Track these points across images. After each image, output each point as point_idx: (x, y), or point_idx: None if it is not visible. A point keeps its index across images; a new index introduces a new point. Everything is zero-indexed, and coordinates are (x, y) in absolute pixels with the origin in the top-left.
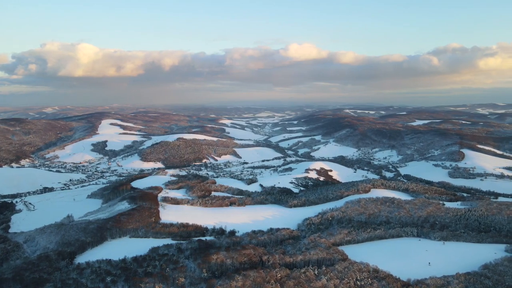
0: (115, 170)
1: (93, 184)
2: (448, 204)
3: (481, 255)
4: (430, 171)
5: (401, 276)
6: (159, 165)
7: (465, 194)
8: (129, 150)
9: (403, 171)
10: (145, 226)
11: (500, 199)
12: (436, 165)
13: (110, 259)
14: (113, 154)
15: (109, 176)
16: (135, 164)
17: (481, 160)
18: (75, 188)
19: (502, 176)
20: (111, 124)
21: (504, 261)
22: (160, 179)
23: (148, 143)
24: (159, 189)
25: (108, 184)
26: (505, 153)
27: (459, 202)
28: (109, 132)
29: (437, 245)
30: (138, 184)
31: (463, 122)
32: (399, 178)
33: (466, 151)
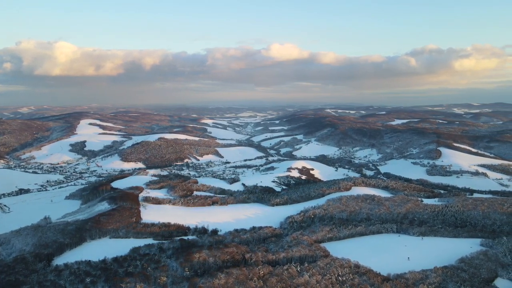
0: (95, 170)
1: (71, 185)
2: (426, 201)
3: (457, 249)
4: (409, 169)
5: (381, 271)
6: (140, 165)
7: (442, 191)
8: (109, 150)
9: (383, 169)
10: (126, 227)
11: (475, 195)
12: (414, 163)
13: (89, 260)
14: (92, 154)
15: (88, 176)
16: (115, 164)
17: (457, 158)
18: (53, 189)
19: (477, 173)
20: (90, 124)
21: (479, 254)
22: (141, 179)
23: (129, 143)
24: (140, 189)
25: (87, 185)
26: (479, 151)
27: (436, 199)
28: (88, 132)
29: (416, 241)
30: (119, 184)
31: (440, 121)
32: (379, 176)
33: (443, 149)
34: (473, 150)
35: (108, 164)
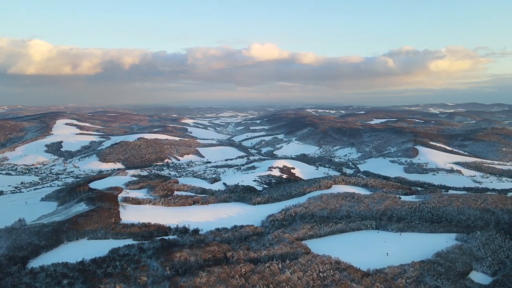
0: (72, 171)
1: (47, 186)
2: (404, 198)
3: (434, 244)
4: (387, 167)
5: (361, 266)
6: (119, 165)
7: (419, 188)
8: (87, 150)
9: (362, 167)
10: (105, 227)
11: (451, 192)
12: (392, 161)
13: (66, 262)
14: (69, 155)
15: (65, 178)
16: (93, 165)
17: (433, 156)
18: (27, 191)
19: (452, 171)
20: (67, 124)
21: (454, 248)
22: (120, 180)
23: (107, 143)
24: (119, 190)
25: (64, 186)
26: (454, 149)
27: (413, 196)
28: (65, 133)
29: (394, 236)
30: (97, 185)
31: (417, 120)
32: (358, 174)
33: (419, 148)
34: (448, 148)
35: (85, 165)
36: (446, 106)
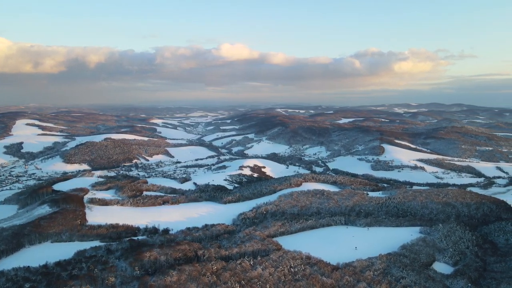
0: (34, 173)
1: (6, 189)
2: (371, 194)
3: (399, 237)
4: (355, 165)
5: (331, 260)
6: (84, 166)
7: (385, 184)
8: (50, 152)
9: (331, 165)
10: (70, 229)
11: (415, 187)
12: (360, 159)
13: (28, 266)
14: (31, 156)
15: (26, 180)
16: (56, 166)
17: (398, 154)
18: None
19: (415, 167)
20: (28, 124)
21: (419, 241)
22: (86, 181)
23: (72, 144)
24: (85, 191)
25: (25, 189)
26: (417, 147)
27: (380, 192)
28: (25, 133)
29: (362, 231)
30: (61, 186)
31: (383, 120)
32: (328, 172)
33: (385, 146)
34: (412, 146)
35: (48, 167)
36: (410, 106)
